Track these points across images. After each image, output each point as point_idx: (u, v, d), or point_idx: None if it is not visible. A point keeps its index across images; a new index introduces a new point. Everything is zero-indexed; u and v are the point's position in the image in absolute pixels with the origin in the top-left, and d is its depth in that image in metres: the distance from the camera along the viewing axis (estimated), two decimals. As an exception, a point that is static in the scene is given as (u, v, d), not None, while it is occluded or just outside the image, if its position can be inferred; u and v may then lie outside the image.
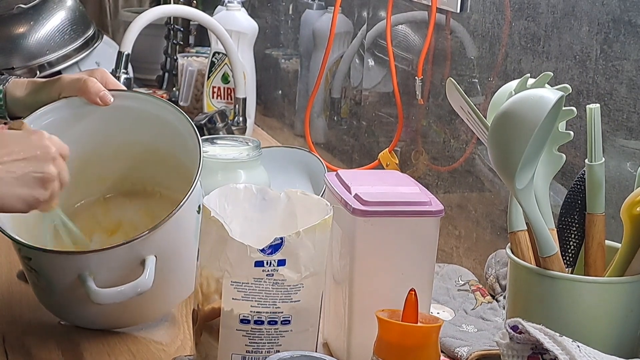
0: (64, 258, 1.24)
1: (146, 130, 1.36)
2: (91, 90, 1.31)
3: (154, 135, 1.36)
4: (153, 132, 1.36)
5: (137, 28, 1.90)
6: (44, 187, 1.13)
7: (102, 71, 1.35)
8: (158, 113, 1.35)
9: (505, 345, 1.00)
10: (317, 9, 2.14)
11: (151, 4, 3.08)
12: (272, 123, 2.40)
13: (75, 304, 1.27)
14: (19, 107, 1.37)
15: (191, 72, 2.25)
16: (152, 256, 1.23)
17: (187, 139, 1.32)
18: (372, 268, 1.17)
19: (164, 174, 1.39)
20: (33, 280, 1.30)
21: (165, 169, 1.38)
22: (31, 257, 1.25)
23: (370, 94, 1.91)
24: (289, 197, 1.17)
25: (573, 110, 1.08)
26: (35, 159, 1.12)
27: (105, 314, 1.28)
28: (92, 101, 1.31)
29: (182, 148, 1.33)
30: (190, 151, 1.30)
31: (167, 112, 1.35)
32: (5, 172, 1.10)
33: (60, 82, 1.33)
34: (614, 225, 1.15)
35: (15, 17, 2.37)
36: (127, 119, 1.35)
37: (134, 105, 1.35)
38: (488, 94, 1.51)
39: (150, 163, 1.39)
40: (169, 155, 1.37)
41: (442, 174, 1.65)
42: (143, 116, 1.35)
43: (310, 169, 1.65)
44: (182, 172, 1.32)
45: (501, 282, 1.38)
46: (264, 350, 1.10)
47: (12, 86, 1.36)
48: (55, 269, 1.25)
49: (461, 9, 1.56)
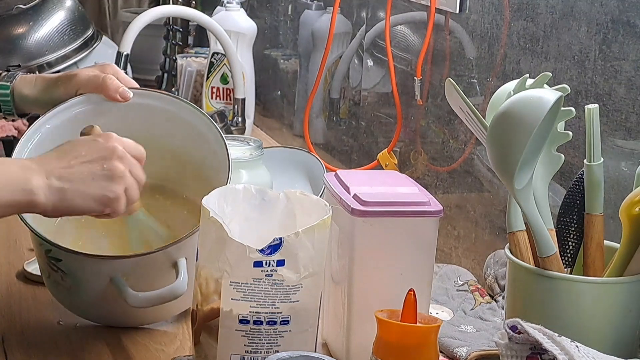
0: (100, 262, 1.24)
1: (165, 128, 1.36)
2: (110, 87, 1.30)
3: (173, 134, 1.37)
4: (172, 131, 1.37)
5: (136, 28, 1.90)
6: (113, 183, 1.14)
7: (113, 67, 1.35)
8: (176, 111, 1.36)
9: (504, 345, 1.01)
10: (316, 10, 2.14)
11: (150, 5, 3.08)
12: (271, 123, 2.40)
13: (102, 304, 1.28)
14: (28, 104, 1.36)
15: (190, 72, 2.25)
16: (183, 259, 1.24)
17: (208, 139, 1.33)
18: (371, 268, 1.17)
19: (181, 172, 1.39)
20: (55, 279, 1.29)
21: (183, 167, 1.38)
22: (62, 258, 1.25)
23: (369, 95, 1.91)
24: (288, 197, 1.17)
25: (572, 111, 1.08)
26: (101, 159, 1.14)
27: (131, 314, 1.29)
28: (111, 98, 1.31)
29: (202, 148, 1.34)
30: (212, 152, 1.32)
31: (187, 112, 1.36)
32: (73, 175, 1.13)
33: (78, 79, 1.32)
34: (612, 226, 1.15)
35: (14, 18, 2.37)
36: (146, 116, 1.35)
37: (151, 103, 1.35)
38: (487, 95, 1.51)
39: (167, 160, 1.39)
40: (188, 155, 1.37)
41: (441, 174, 1.65)
42: (162, 114, 1.35)
43: (310, 170, 1.65)
44: (199, 173, 1.32)
45: (500, 282, 1.38)
46: (263, 350, 1.10)
47: (20, 83, 1.35)
48: (88, 272, 1.26)
49: (460, 9, 1.57)
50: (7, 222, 1.66)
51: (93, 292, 1.27)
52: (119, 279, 1.24)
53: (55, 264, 1.27)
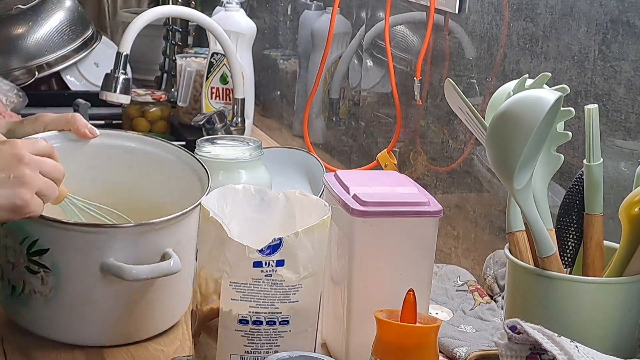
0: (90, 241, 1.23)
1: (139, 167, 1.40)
2: (80, 122, 1.35)
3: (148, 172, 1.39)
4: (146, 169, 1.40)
5: (135, 29, 1.90)
6: (21, 189, 1.14)
7: (77, 115, 1.38)
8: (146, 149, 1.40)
9: (503, 345, 1.01)
10: (315, 10, 2.14)
11: (150, 5, 3.08)
12: (271, 124, 2.40)
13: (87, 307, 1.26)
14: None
15: (190, 72, 2.24)
16: (169, 249, 1.25)
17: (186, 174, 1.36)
18: (370, 268, 1.17)
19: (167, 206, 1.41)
20: (31, 289, 1.26)
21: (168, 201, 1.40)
22: (49, 247, 1.24)
23: (369, 95, 1.91)
24: (287, 197, 1.17)
25: (571, 111, 1.08)
26: (6, 168, 1.14)
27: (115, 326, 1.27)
28: (81, 134, 1.35)
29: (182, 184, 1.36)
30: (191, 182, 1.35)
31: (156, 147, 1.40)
32: None
33: (44, 118, 1.35)
34: (612, 226, 1.15)
35: (14, 18, 2.37)
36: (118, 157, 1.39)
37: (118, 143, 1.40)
38: (486, 95, 1.51)
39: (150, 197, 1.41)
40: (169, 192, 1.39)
41: (441, 174, 1.65)
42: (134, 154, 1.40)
43: (309, 170, 1.65)
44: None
45: (499, 282, 1.38)
46: (262, 350, 1.10)
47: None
48: (77, 260, 1.24)
49: (460, 9, 1.57)
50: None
51: (79, 289, 1.25)
52: (110, 262, 1.23)
53: (38, 261, 1.25)
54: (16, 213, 1.15)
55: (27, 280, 1.27)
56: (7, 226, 1.27)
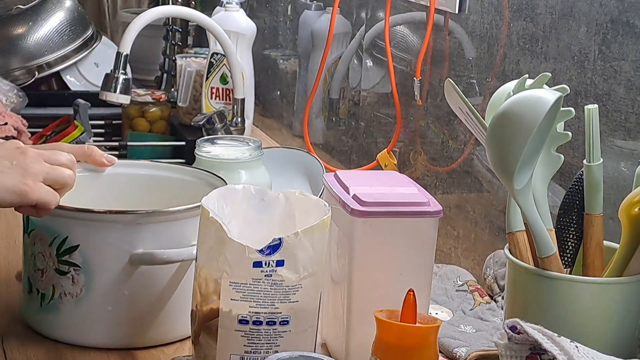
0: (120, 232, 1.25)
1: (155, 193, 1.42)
2: (97, 153, 1.37)
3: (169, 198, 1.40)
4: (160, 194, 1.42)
5: (135, 29, 1.90)
6: (26, 176, 1.18)
7: (93, 147, 1.40)
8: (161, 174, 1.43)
9: (503, 345, 1.01)
10: (315, 10, 2.14)
11: (150, 5, 3.08)
12: (271, 124, 2.40)
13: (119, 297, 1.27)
14: None
15: (189, 72, 2.24)
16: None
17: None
18: (370, 268, 1.17)
19: None
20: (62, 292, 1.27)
21: None
22: (79, 242, 1.25)
23: (369, 95, 1.91)
24: (287, 197, 1.17)
25: (571, 111, 1.08)
26: (10, 157, 1.19)
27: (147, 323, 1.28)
28: (99, 163, 1.37)
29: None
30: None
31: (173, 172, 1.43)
32: None
33: (62, 147, 1.35)
34: (612, 226, 1.15)
35: (14, 18, 2.37)
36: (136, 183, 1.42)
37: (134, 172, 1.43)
38: (486, 95, 1.51)
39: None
40: None
41: (441, 174, 1.65)
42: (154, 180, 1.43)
43: (309, 170, 1.65)
44: None
45: (499, 282, 1.38)
46: (262, 350, 1.10)
47: None
48: (107, 253, 1.25)
49: (459, 9, 1.57)
50: (7, 223, 1.67)
51: (110, 283, 1.25)
52: (140, 251, 1.25)
53: (68, 260, 1.25)
54: (23, 198, 1.18)
55: (57, 284, 1.27)
56: (35, 232, 1.28)
